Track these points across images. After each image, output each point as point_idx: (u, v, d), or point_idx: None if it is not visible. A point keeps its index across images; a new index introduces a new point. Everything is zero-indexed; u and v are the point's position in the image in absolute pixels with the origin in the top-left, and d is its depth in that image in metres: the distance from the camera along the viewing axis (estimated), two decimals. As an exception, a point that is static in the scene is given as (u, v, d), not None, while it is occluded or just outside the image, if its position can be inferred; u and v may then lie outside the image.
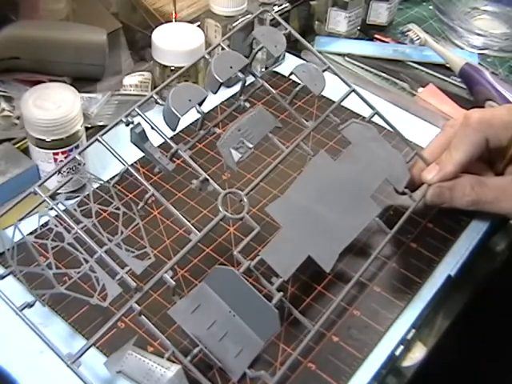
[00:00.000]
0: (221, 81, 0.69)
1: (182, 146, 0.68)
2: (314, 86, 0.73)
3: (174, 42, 0.90)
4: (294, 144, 0.71)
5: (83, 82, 0.91)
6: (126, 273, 0.61)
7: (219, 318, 0.62)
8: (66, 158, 0.74)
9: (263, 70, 1.02)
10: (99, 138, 0.67)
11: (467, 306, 0.73)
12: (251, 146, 0.68)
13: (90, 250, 0.62)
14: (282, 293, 0.63)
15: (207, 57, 0.72)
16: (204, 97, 0.68)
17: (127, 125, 0.67)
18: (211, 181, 0.67)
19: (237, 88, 0.76)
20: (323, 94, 0.88)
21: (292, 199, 0.68)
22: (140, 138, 0.67)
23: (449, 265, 0.75)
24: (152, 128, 0.68)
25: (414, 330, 0.69)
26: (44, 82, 0.79)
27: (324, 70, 0.75)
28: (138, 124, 0.67)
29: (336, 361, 0.65)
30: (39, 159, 0.75)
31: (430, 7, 1.23)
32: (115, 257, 0.62)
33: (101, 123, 0.87)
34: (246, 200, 0.66)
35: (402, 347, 0.67)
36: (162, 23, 0.95)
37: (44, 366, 0.63)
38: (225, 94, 0.95)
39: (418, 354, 0.67)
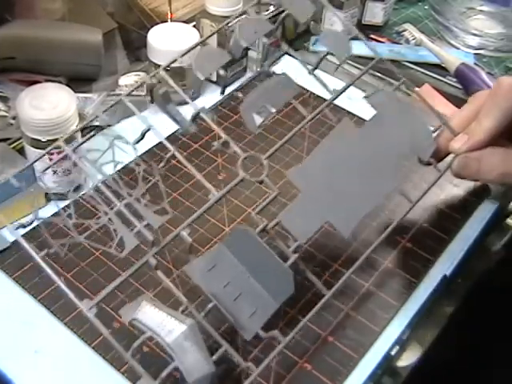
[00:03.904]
0: (245, 45, 0.69)
1: (204, 108, 0.67)
2: (338, 52, 0.72)
3: (170, 42, 0.90)
4: (316, 111, 0.71)
5: (79, 82, 0.91)
6: (144, 227, 0.60)
7: (235, 279, 0.62)
8: (61, 158, 0.74)
9: (259, 69, 1.02)
10: (123, 99, 0.68)
11: (463, 306, 0.73)
12: (274, 110, 0.68)
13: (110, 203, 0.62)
14: (297, 254, 0.63)
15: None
16: (228, 59, 0.68)
17: (151, 87, 0.67)
18: (232, 143, 0.66)
19: (233, 87, 0.76)
20: (318, 94, 0.88)
21: (313, 165, 0.67)
22: (163, 100, 0.68)
23: (444, 265, 0.75)
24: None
25: (409, 330, 0.69)
26: (40, 82, 0.79)
27: (351, 38, 0.74)
28: (162, 85, 0.67)
29: (332, 361, 0.65)
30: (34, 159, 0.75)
31: (426, 7, 1.23)
32: (134, 213, 0.62)
33: (96, 123, 0.87)
34: (265, 163, 0.66)
35: (397, 347, 0.67)
36: (158, 23, 0.95)
37: (39, 366, 0.63)
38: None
39: (413, 353, 0.68)
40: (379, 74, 1.04)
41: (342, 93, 0.72)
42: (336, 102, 0.73)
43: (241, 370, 0.62)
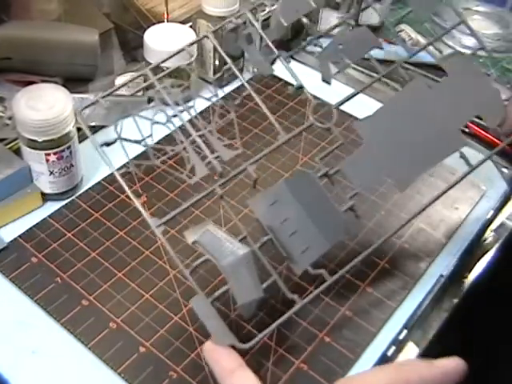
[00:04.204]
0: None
1: (284, 53, 0.71)
2: (422, 10, 0.79)
3: (166, 42, 0.90)
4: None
5: (75, 82, 0.91)
6: (215, 159, 0.64)
7: (292, 216, 0.64)
8: (57, 158, 0.74)
9: (255, 70, 1.02)
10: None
11: (459, 306, 0.73)
12: (349, 61, 0.71)
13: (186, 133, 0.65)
14: (353, 201, 0.65)
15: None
16: (311, 8, 0.72)
17: (237, 26, 0.73)
18: (305, 89, 0.69)
19: (230, 88, 0.76)
20: (316, 95, 0.88)
21: (381, 118, 0.69)
22: (246, 40, 0.71)
23: (441, 265, 0.75)
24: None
25: (405, 331, 0.69)
26: (36, 82, 0.79)
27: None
28: (246, 25, 0.71)
29: (328, 361, 0.65)
30: (31, 160, 0.74)
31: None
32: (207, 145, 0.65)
33: (93, 124, 0.87)
34: (335, 112, 0.68)
35: (393, 348, 0.67)
36: (154, 24, 0.94)
37: (36, 366, 0.63)
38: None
39: (409, 354, 0.68)
40: (376, 75, 1.04)
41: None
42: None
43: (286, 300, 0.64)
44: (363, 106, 0.76)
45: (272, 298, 0.67)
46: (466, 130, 0.91)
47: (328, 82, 0.72)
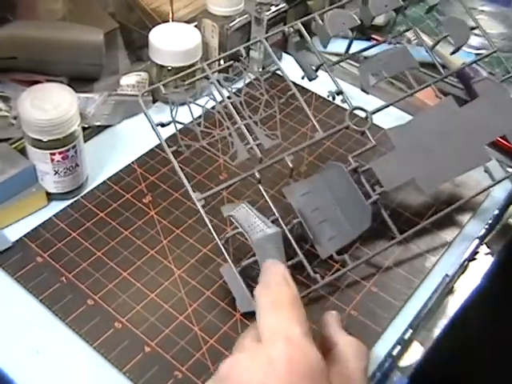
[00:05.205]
0: (375, 15, 0.81)
1: (329, 61, 0.78)
2: (455, 36, 0.83)
3: (171, 42, 0.90)
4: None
5: (80, 81, 0.91)
6: (256, 145, 0.70)
7: (322, 206, 0.72)
8: (62, 158, 0.74)
9: (260, 69, 1.02)
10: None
11: (464, 306, 0.73)
12: (387, 75, 0.77)
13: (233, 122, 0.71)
14: (378, 196, 0.70)
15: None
16: (356, 24, 0.78)
17: (288, 34, 0.77)
18: (345, 94, 0.75)
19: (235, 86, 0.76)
20: (320, 94, 0.88)
21: (413, 127, 0.75)
22: (295, 47, 0.79)
23: (446, 264, 0.75)
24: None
25: (411, 330, 0.69)
26: (41, 82, 0.79)
27: (472, 29, 0.85)
28: (296, 34, 0.77)
29: (333, 361, 0.65)
30: (36, 159, 0.75)
31: (427, 7, 1.23)
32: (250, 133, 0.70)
33: (98, 123, 0.87)
34: (370, 117, 0.74)
35: (399, 347, 0.67)
36: (159, 23, 0.94)
37: (41, 366, 0.63)
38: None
39: (415, 353, 0.67)
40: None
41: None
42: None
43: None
44: (370, 106, 0.76)
45: (297, 276, 0.71)
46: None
47: (366, 92, 0.78)
